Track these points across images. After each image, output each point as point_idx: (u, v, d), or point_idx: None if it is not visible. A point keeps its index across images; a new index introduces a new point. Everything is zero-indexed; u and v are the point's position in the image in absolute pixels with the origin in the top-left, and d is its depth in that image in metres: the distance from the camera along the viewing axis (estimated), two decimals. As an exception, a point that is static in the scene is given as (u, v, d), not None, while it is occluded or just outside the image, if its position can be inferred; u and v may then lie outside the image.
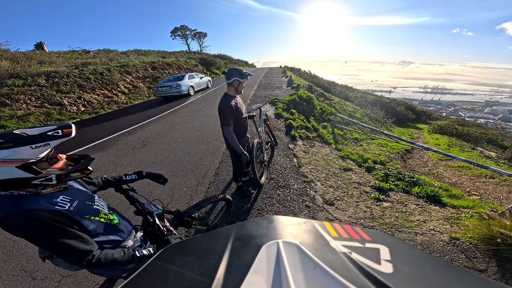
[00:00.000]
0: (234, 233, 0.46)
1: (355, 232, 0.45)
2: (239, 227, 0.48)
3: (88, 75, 11.58)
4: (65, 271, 2.04)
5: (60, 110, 9.04)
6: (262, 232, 0.45)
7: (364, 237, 0.43)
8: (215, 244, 0.44)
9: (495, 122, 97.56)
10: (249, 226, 0.48)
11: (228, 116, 2.23)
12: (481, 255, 2.19)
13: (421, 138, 11.74)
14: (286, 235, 0.43)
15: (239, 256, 0.38)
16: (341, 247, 0.39)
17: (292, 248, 0.38)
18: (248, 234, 0.45)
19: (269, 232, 0.44)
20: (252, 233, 0.45)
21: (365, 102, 16.33)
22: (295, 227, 0.46)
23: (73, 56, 15.94)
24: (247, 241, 0.42)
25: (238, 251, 0.40)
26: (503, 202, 4.02)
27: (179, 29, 39.97)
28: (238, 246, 0.41)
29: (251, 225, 0.48)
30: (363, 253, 0.37)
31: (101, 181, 1.39)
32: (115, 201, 3.02)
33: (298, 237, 0.42)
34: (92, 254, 0.91)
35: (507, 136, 17.72)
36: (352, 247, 0.39)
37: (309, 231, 0.45)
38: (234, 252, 0.40)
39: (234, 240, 0.43)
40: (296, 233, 0.44)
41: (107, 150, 5.05)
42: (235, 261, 0.37)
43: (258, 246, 0.40)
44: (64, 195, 0.95)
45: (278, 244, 0.39)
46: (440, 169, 6.16)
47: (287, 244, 0.39)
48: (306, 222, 0.48)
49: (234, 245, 0.42)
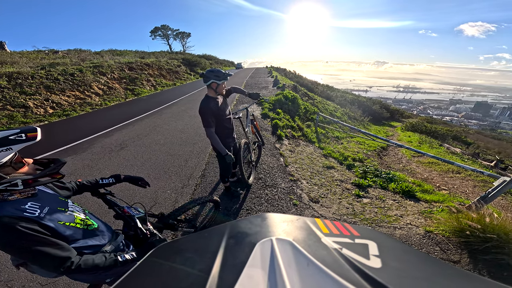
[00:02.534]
0: (227, 231, 0.46)
1: (344, 228, 0.46)
2: (232, 225, 0.48)
3: (56, 76, 10.79)
4: (44, 279, 1.91)
5: (25, 112, 8.29)
6: (255, 229, 0.45)
7: (354, 233, 0.44)
8: (209, 243, 0.44)
9: (458, 120, 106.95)
10: (243, 224, 0.48)
11: (208, 118, 2.22)
12: (454, 247, 2.32)
13: (395, 136, 12.51)
14: (279, 232, 0.43)
15: (234, 254, 0.38)
16: (332, 243, 0.39)
17: (285, 245, 0.38)
18: (242, 232, 0.45)
19: (263, 230, 0.45)
20: (245, 231, 0.45)
21: (344, 101, 17.04)
22: (288, 224, 0.47)
23: (39, 56, 14.78)
24: (241, 239, 0.42)
25: (232, 249, 0.40)
26: (469, 196, 4.37)
27: (160, 29, 38.58)
28: (232, 244, 0.41)
29: (245, 223, 0.48)
30: (353, 248, 0.38)
31: (75, 186, 1.34)
32: (94, 206, 2.86)
33: (291, 234, 0.43)
34: (70, 260, 0.89)
35: (470, 133, 19.53)
36: (343, 243, 0.40)
37: (301, 227, 0.45)
38: (228, 250, 0.40)
39: (228, 238, 0.43)
40: (289, 230, 0.44)
41: (81, 154, 4.73)
42: (230, 259, 0.37)
43: (252, 244, 0.40)
44: (33, 202, 0.91)
45: (272, 241, 0.40)
46: (413, 165, 6.60)
47: (281, 241, 0.40)
48: (299, 219, 0.49)
49: (228, 243, 0.42)
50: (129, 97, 12.60)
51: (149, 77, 16.57)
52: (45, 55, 15.39)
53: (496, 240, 2.04)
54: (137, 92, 13.58)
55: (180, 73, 21.33)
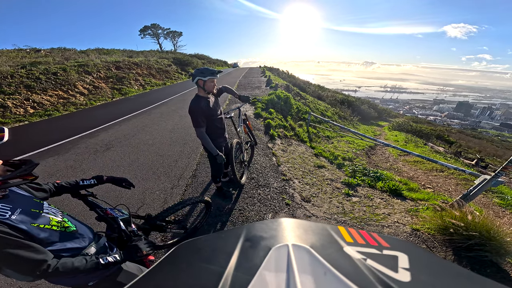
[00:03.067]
0: (244, 233, 0.46)
1: (372, 238, 0.44)
2: (248, 228, 0.48)
3: (38, 75, 10.31)
4: (25, 283, 1.81)
5: (3, 112, 7.86)
6: (272, 233, 0.45)
7: (382, 243, 0.42)
8: (225, 244, 0.44)
9: (442, 119, 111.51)
10: (259, 227, 0.47)
11: (198, 118, 2.19)
12: (439, 244, 2.37)
13: (383, 135, 12.86)
14: (296, 238, 0.42)
15: (248, 257, 0.38)
16: (356, 253, 0.38)
17: (302, 252, 0.37)
18: (258, 235, 0.45)
19: (279, 234, 0.44)
20: (261, 235, 0.44)
21: (335, 101, 17.34)
22: (306, 230, 0.46)
23: (20, 55, 14.09)
24: (256, 242, 0.42)
25: (247, 252, 0.40)
26: (452, 194, 4.54)
27: (150, 28, 37.59)
28: (247, 247, 0.41)
29: (261, 226, 0.48)
30: (380, 260, 0.36)
31: (53, 187, 1.28)
32: (78, 208, 2.75)
33: (309, 240, 0.41)
34: (46, 263, 0.86)
35: (452, 132, 20.38)
36: (368, 253, 0.38)
37: (322, 234, 0.44)
38: (243, 253, 0.40)
39: (244, 241, 0.43)
40: (307, 236, 0.43)
41: (63, 155, 4.53)
42: (244, 261, 0.37)
43: (267, 248, 0.40)
44: (4, 203, 0.88)
45: (288, 247, 0.39)
46: (399, 164, 6.80)
47: (297, 247, 0.39)
48: (319, 226, 0.48)
49: (243, 246, 0.42)
50: (116, 96, 12.21)
51: (138, 77, 16.15)
52: (26, 54, 14.72)
53: (479, 237, 2.08)
54: (125, 91, 13.20)
55: (170, 72, 20.91)
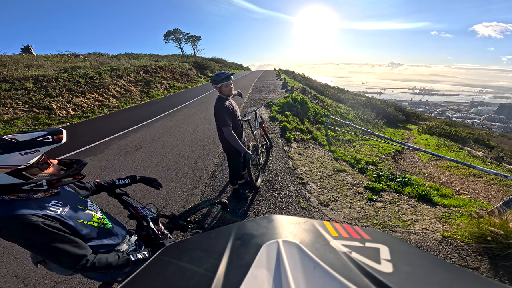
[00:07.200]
0: (234, 232, 0.46)
1: (355, 232, 0.45)
2: (239, 227, 0.48)
3: (78, 78, 11.33)
4: (59, 276, 1.99)
5: (49, 114, 8.79)
6: (262, 231, 0.45)
7: (364, 236, 0.43)
8: (216, 243, 0.44)
9: (481, 122, 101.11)
10: (249, 226, 0.48)
11: (225, 116, 2.24)
12: (473, 253, 2.22)
13: (411, 139, 12.04)
14: (286, 235, 0.43)
15: (239, 255, 0.38)
16: (341, 246, 0.39)
17: (292, 248, 0.38)
18: (248, 233, 0.45)
19: (269, 232, 0.45)
20: (252, 233, 0.45)
21: (356, 104, 16.65)
22: (295, 226, 0.46)
23: (62, 59, 15.55)
24: (247, 241, 0.42)
25: (238, 251, 0.40)
26: (492, 201, 4.13)
27: (172, 33, 39.71)
28: (238, 245, 0.41)
29: (251, 224, 0.48)
30: (363, 252, 0.37)
31: (93, 186, 1.38)
32: (109, 206, 2.96)
33: (298, 236, 0.42)
34: (86, 258, 0.90)
35: (493, 136, 18.39)
36: (352, 246, 0.39)
37: (309, 230, 0.45)
38: (234, 251, 0.40)
39: (234, 240, 0.43)
40: (296, 232, 0.44)
41: (98, 155, 4.94)
42: (235, 260, 0.37)
43: (258, 245, 0.40)
44: (56, 200, 0.94)
45: (278, 243, 0.39)
46: (430, 169, 6.32)
47: (287, 243, 0.39)
48: (306, 222, 0.48)
49: (234, 244, 0.42)
50: (144, 99, 13.02)
51: (163, 80, 17.05)
52: (67, 59, 16.11)
53: (520, 246, 1.91)
54: (152, 94, 14.01)
55: (191, 76, 21.78)
